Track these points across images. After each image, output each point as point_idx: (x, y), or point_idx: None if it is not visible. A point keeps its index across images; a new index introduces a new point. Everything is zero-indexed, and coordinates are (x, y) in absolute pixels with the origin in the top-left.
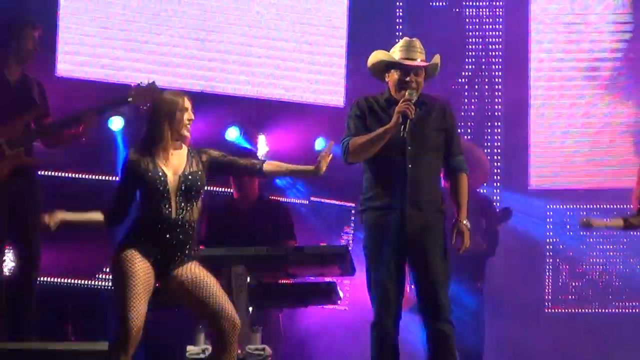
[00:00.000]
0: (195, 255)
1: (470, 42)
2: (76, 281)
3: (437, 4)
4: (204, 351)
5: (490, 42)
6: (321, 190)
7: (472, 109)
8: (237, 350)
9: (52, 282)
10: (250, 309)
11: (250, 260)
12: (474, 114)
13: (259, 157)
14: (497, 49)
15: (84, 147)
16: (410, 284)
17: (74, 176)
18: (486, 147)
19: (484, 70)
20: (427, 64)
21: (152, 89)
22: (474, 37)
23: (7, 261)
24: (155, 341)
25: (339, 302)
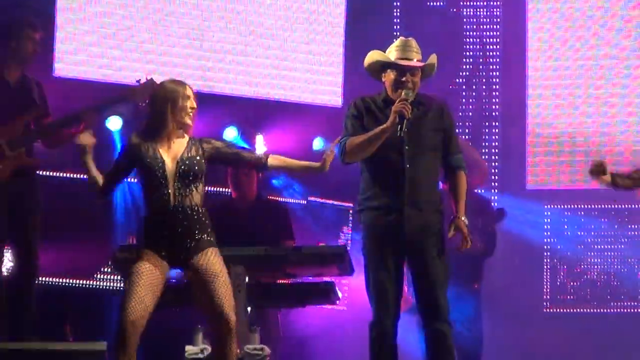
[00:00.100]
0: (210, 239)
1: (467, 42)
2: (75, 281)
3: (435, 4)
4: (202, 351)
5: (487, 42)
6: (319, 190)
7: (470, 109)
8: (236, 350)
9: (51, 282)
10: (248, 308)
11: (248, 260)
12: (471, 114)
13: None
14: (494, 49)
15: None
16: (408, 285)
17: (72, 176)
18: (484, 147)
19: (481, 70)
20: (422, 64)
21: (151, 86)
22: (471, 37)
23: (6, 261)
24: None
25: (337, 302)
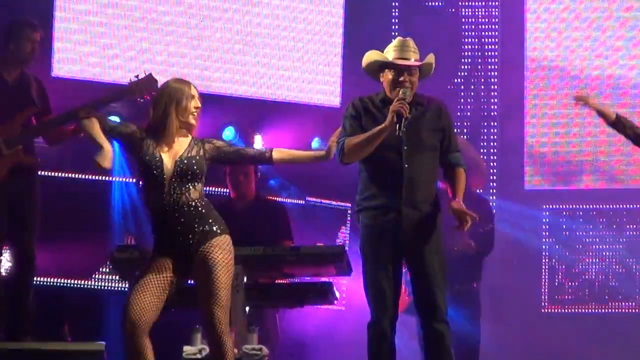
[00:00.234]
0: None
1: (466, 42)
2: (73, 282)
3: (433, 4)
4: (200, 351)
5: (486, 42)
6: (317, 190)
7: (468, 109)
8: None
9: (50, 282)
10: (247, 309)
11: (247, 260)
12: (469, 114)
13: None
14: (493, 49)
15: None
16: (406, 284)
17: (71, 176)
18: (482, 148)
19: (479, 70)
20: (420, 64)
21: (149, 81)
22: (469, 37)
23: (4, 261)
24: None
25: (335, 302)
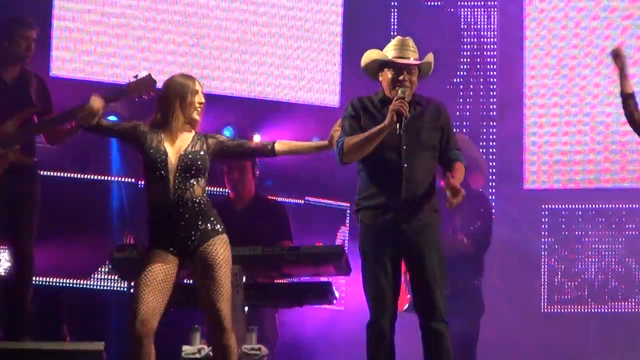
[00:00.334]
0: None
1: (465, 42)
2: (72, 281)
3: (432, 4)
4: (199, 351)
5: (485, 41)
6: (316, 190)
7: (467, 108)
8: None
9: (49, 282)
10: (246, 308)
11: (246, 260)
12: (468, 113)
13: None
14: (491, 48)
15: (79, 147)
16: (406, 283)
17: (70, 176)
18: (481, 148)
19: (478, 70)
20: (419, 62)
21: (148, 81)
22: (468, 37)
23: (3, 261)
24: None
25: (334, 301)
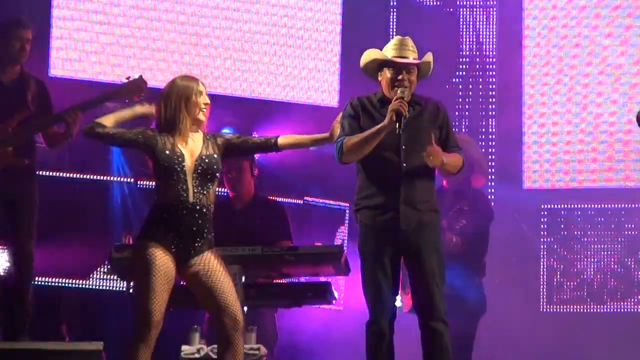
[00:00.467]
0: (212, 240)
1: (464, 42)
2: (71, 281)
3: (431, 3)
4: (198, 351)
5: (484, 41)
6: (316, 190)
7: (467, 108)
8: (243, 349)
9: (48, 282)
10: (245, 308)
11: (245, 260)
12: (468, 113)
13: (254, 157)
14: (490, 48)
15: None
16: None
17: (70, 176)
18: (481, 147)
19: (478, 69)
20: (419, 62)
21: (140, 83)
22: (468, 37)
23: (2, 261)
24: None
25: (333, 301)
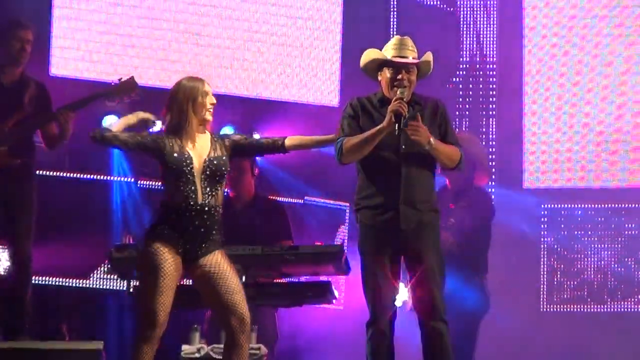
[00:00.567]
0: (220, 240)
1: (464, 42)
2: (71, 281)
3: (431, 3)
4: (199, 350)
5: (484, 41)
6: (316, 190)
7: (467, 107)
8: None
9: (47, 281)
10: None
11: (245, 259)
12: (468, 112)
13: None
14: (491, 48)
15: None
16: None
17: (70, 176)
18: None
19: (478, 69)
20: (418, 62)
21: (131, 84)
22: (468, 36)
23: (2, 261)
24: None
25: (334, 301)
